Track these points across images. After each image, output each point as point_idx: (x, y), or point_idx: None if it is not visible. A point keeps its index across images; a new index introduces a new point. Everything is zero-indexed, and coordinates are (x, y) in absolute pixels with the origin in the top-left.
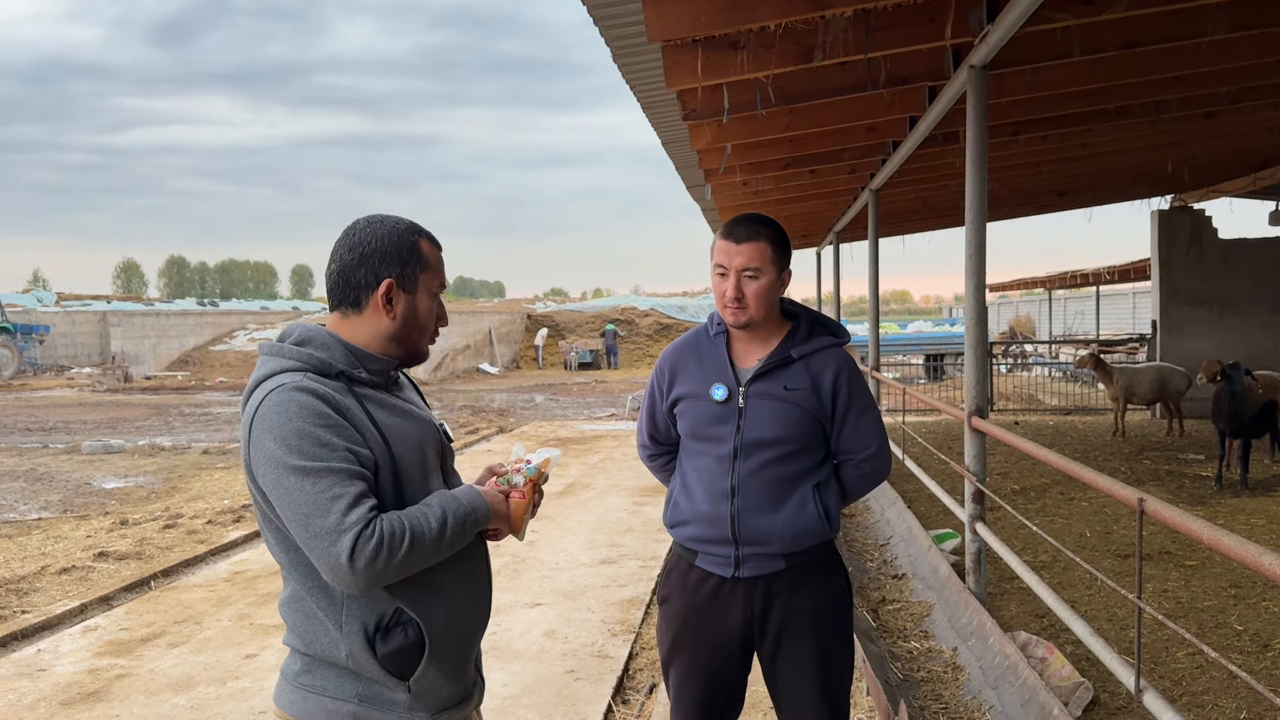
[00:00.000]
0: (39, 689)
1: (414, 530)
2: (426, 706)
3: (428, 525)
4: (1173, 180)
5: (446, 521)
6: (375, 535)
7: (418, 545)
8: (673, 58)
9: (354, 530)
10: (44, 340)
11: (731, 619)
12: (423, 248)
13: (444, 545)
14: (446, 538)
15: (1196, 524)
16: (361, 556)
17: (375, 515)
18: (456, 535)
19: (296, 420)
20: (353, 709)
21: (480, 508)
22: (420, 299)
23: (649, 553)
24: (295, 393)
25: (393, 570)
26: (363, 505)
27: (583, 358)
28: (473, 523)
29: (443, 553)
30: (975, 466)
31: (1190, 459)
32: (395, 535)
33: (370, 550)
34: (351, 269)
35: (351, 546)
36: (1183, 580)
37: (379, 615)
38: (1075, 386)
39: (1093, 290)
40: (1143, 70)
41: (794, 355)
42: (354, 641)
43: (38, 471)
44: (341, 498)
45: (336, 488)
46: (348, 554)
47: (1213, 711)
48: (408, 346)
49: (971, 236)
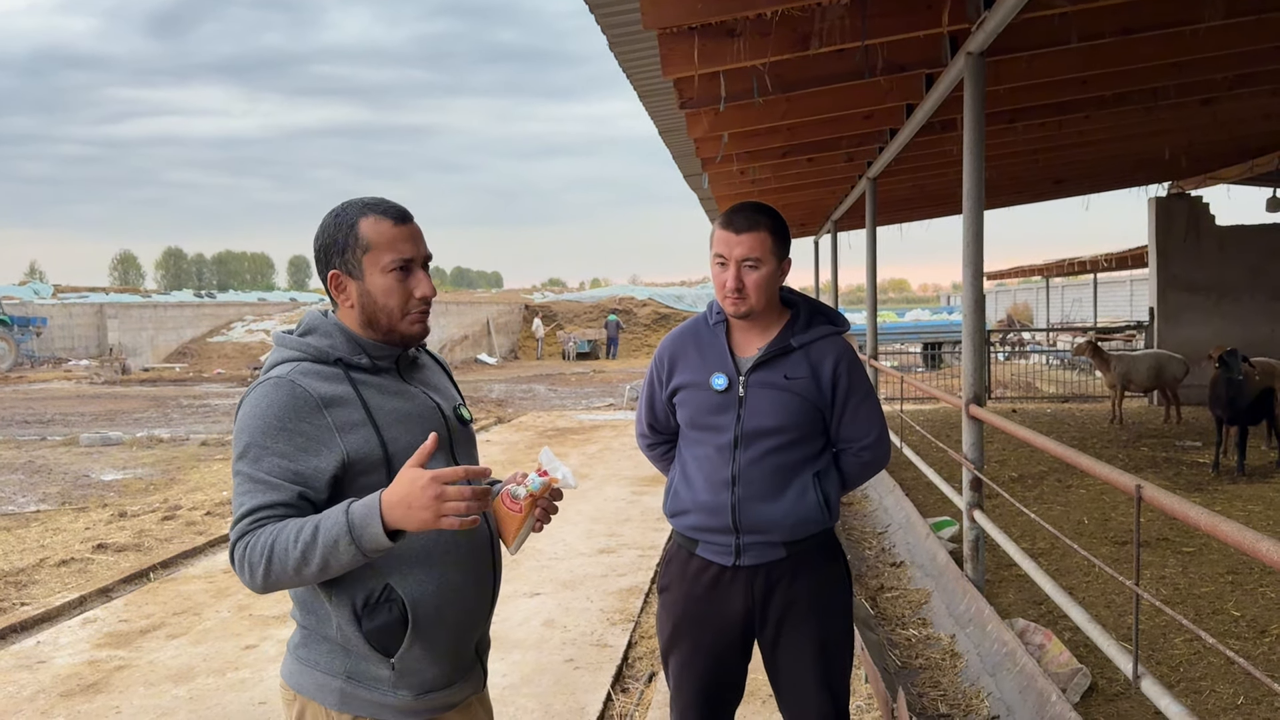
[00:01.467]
0: (38, 681)
1: (274, 550)
2: (410, 685)
3: (293, 541)
4: (1170, 167)
5: (315, 543)
6: (240, 552)
7: (278, 562)
8: (669, 45)
9: (231, 543)
10: (41, 332)
11: (732, 607)
12: (363, 229)
13: (315, 564)
14: (315, 559)
15: (1194, 510)
16: (235, 567)
17: (254, 526)
18: (329, 554)
19: (257, 418)
20: (340, 685)
21: (360, 524)
22: (371, 281)
23: (648, 542)
24: (271, 389)
25: (264, 584)
26: (248, 518)
27: (580, 348)
28: (348, 543)
29: (324, 571)
30: (973, 454)
31: (1188, 446)
32: (255, 554)
33: (236, 565)
34: (318, 264)
35: (230, 557)
36: (1180, 566)
37: (367, 592)
38: (1073, 374)
39: (1090, 278)
40: (1140, 57)
41: (794, 344)
42: (342, 615)
43: (36, 464)
44: (240, 507)
45: (245, 495)
46: (232, 563)
47: (1210, 697)
48: (381, 330)
49: (969, 224)
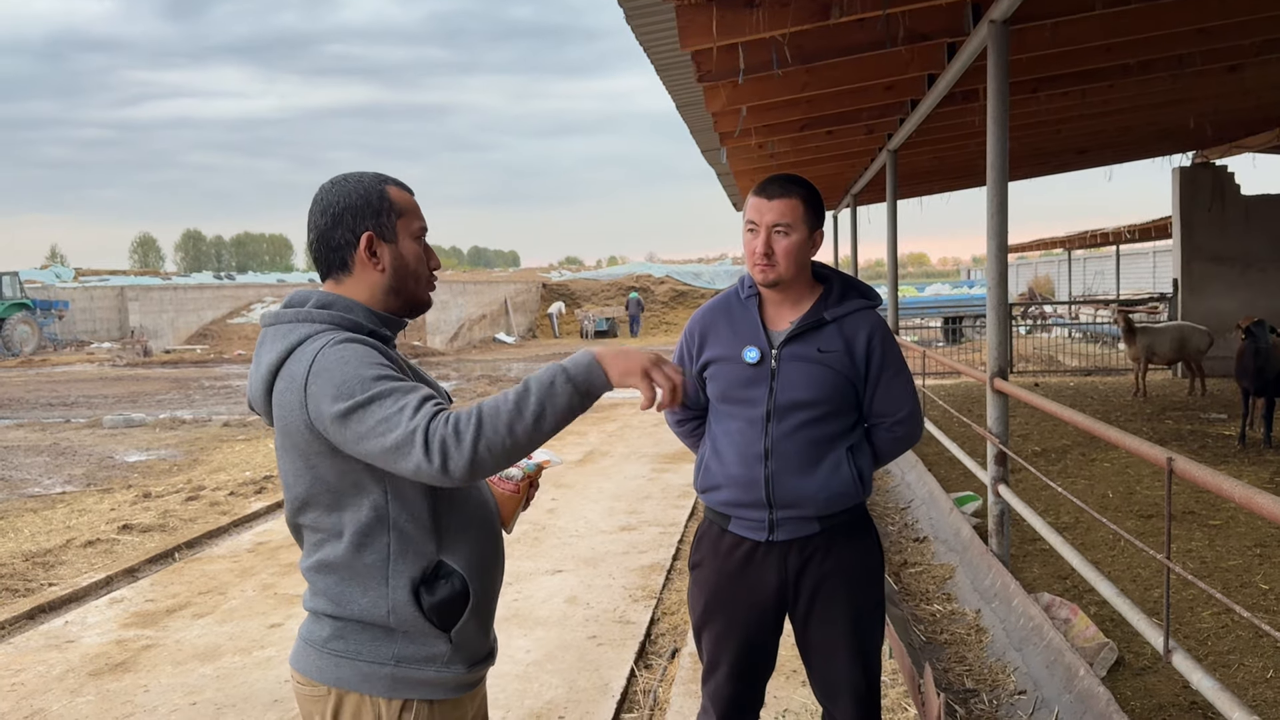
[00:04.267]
0: (67, 660)
1: (484, 409)
2: (464, 659)
3: (503, 399)
4: (1195, 136)
5: (529, 390)
6: (441, 427)
7: (489, 420)
8: (687, 17)
9: (421, 428)
10: (63, 316)
11: (766, 582)
12: (391, 194)
13: (530, 413)
14: (530, 406)
15: (1228, 483)
16: (435, 450)
17: (439, 410)
18: (545, 397)
19: (355, 367)
20: (390, 670)
21: (578, 366)
22: (404, 245)
23: (669, 519)
24: (343, 348)
25: (472, 452)
26: (427, 405)
27: (598, 326)
28: (564, 381)
29: (539, 424)
30: (998, 428)
31: (1213, 418)
32: (462, 421)
33: (435, 441)
34: (328, 232)
35: (425, 444)
36: (1207, 540)
37: (423, 568)
38: (1095, 347)
39: (1112, 250)
40: (1165, 23)
41: (827, 318)
42: (400, 595)
43: (60, 446)
44: (406, 406)
45: (401, 398)
46: (425, 449)
47: (1239, 671)
48: (406, 297)
49: (993, 196)
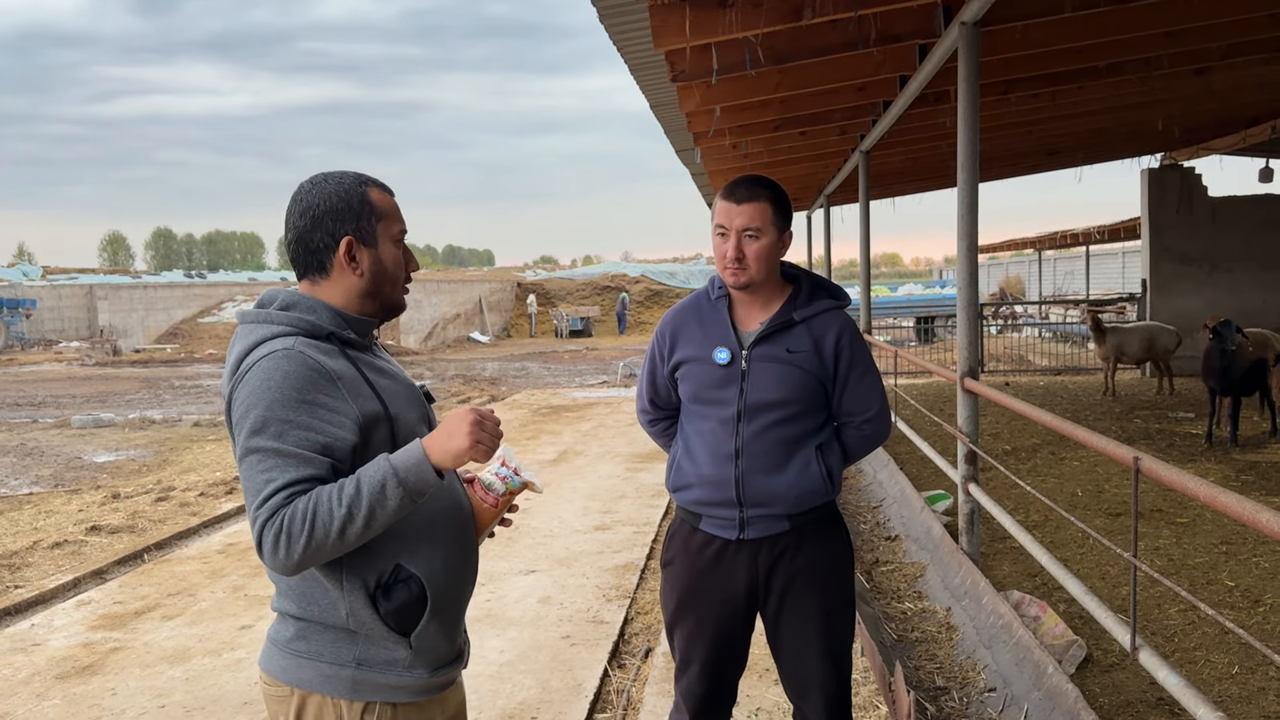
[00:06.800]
0: (34, 663)
1: (318, 510)
2: (426, 663)
3: (336, 501)
4: (1163, 138)
5: (360, 494)
6: (276, 527)
7: (321, 525)
8: (660, 17)
9: (261, 522)
10: (30, 314)
11: (736, 580)
12: (373, 197)
13: (361, 517)
14: (361, 511)
15: (1193, 482)
16: (267, 546)
17: (289, 501)
18: (375, 501)
19: (273, 389)
20: (351, 673)
21: (408, 467)
22: (383, 249)
23: (643, 519)
24: (283, 360)
25: (302, 555)
26: (279, 495)
27: (573, 325)
28: (395, 486)
29: (369, 526)
30: (968, 427)
31: (1180, 417)
32: (296, 524)
33: (270, 542)
34: (307, 234)
35: (259, 535)
36: (1174, 538)
37: (379, 572)
38: (1065, 347)
39: (1082, 250)
40: (1134, 25)
41: (796, 318)
42: (355, 599)
43: (28, 446)
44: (270, 483)
45: (274, 471)
46: (258, 541)
47: (1205, 667)
48: (382, 300)
49: (963, 197)
